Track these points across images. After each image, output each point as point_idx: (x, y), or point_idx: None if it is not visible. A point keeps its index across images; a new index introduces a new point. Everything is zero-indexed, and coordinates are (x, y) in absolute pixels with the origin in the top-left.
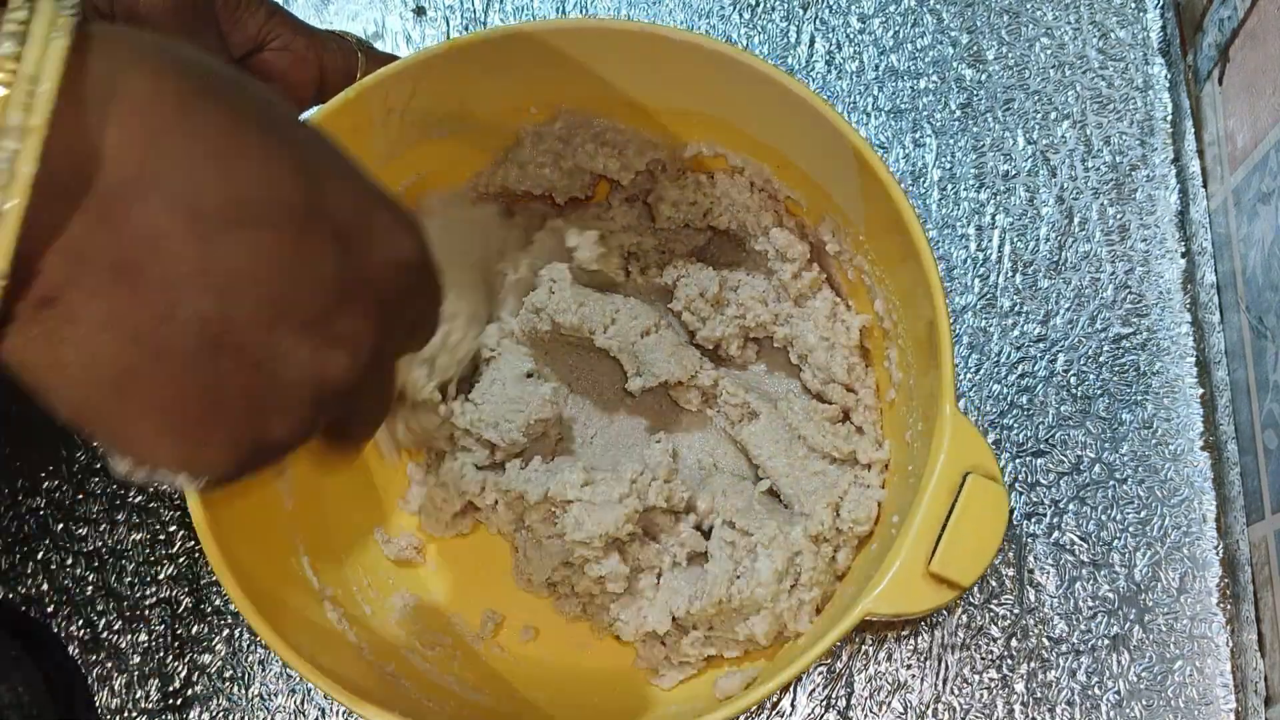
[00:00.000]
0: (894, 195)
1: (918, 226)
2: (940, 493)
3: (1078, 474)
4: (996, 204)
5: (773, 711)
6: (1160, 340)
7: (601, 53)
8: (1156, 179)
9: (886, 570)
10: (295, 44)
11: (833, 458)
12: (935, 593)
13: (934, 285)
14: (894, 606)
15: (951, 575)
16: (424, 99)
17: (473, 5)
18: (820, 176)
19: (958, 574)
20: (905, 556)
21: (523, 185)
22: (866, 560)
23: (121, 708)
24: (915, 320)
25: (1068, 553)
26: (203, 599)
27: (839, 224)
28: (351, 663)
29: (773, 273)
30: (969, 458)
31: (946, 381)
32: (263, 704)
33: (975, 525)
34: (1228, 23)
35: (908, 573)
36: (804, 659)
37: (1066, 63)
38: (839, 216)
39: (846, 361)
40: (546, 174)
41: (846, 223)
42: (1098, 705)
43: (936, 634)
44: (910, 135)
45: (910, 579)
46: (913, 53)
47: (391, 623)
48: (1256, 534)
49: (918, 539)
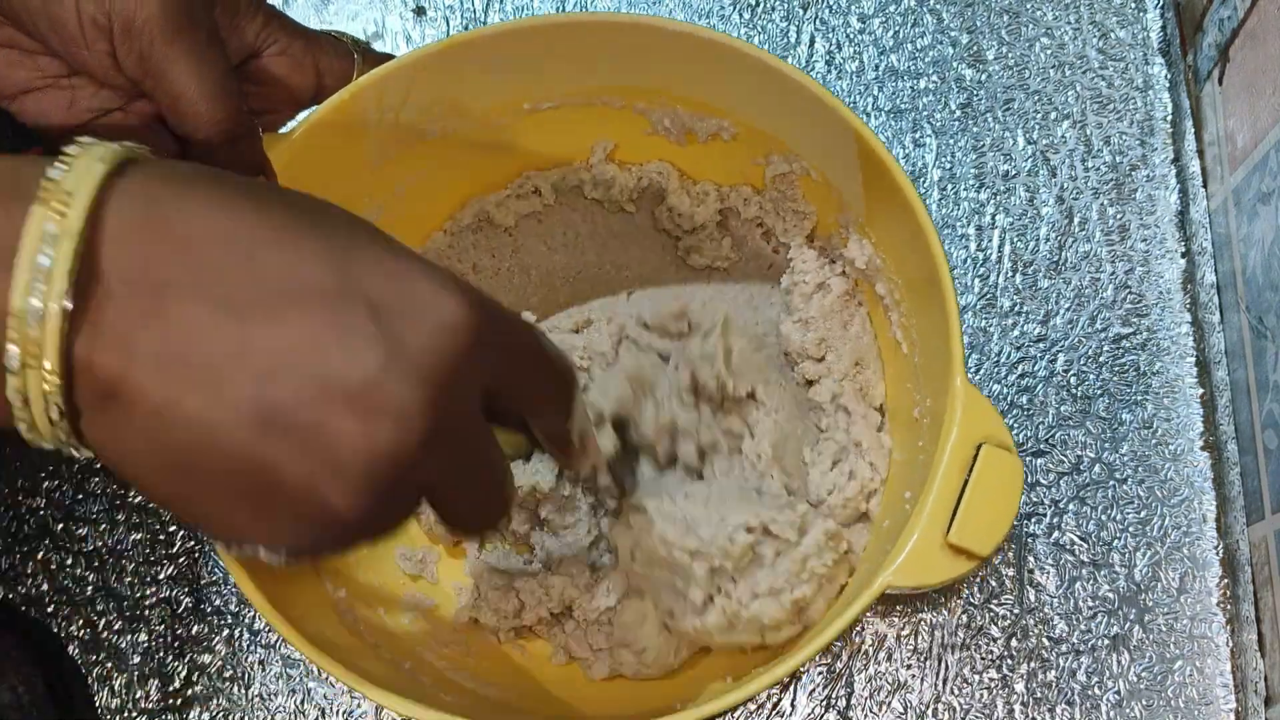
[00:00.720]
0: (893, 172)
1: (918, 201)
2: (955, 464)
3: (1078, 474)
4: (996, 204)
5: (773, 711)
6: (1160, 340)
7: (595, 48)
8: (1156, 179)
9: (905, 543)
10: (292, 48)
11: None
12: (954, 563)
13: (943, 275)
14: (913, 579)
15: (970, 545)
16: (419, 98)
17: (473, 5)
18: (820, 161)
19: (976, 544)
20: (923, 528)
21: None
22: (880, 538)
23: (121, 708)
24: (920, 298)
25: (1068, 553)
26: (203, 599)
27: (840, 206)
28: (364, 655)
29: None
30: (982, 428)
31: (956, 354)
32: (263, 704)
33: (991, 495)
34: (1228, 23)
35: (926, 544)
36: (827, 634)
37: (1066, 63)
38: (839, 199)
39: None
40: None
41: (846, 207)
42: (1098, 705)
43: (936, 634)
44: (910, 135)
45: (929, 550)
46: (913, 53)
47: (405, 621)
48: (1256, 534)
49: (934, 510)
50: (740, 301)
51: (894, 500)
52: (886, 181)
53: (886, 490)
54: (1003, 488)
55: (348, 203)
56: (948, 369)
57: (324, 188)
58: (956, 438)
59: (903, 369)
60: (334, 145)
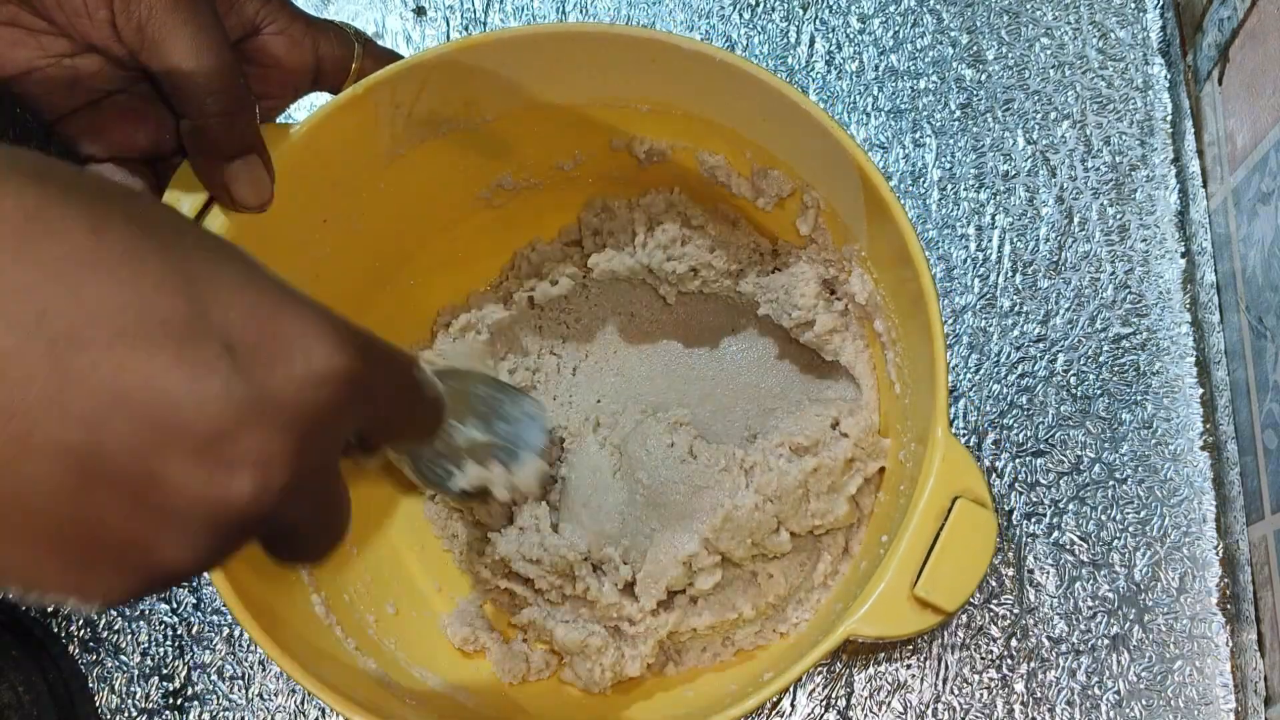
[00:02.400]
0: (897, 218)
1: (918, 248)
2: (928, 515)
3: (1078, 474)
4: (996, 204)
5: (773, 711)
6: (1160, 340)
7: (611, 59)
8: (1156, 179)
9: (871, 591)
10: (293, 29)
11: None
12: (919, 616)
13: (933, 316)
14: (877, 629)
15: (936, 600)
16: (432, 97)
17: (473, 5)
18: (825, 190)
19: (942, 599)
20: (890, 578)
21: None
22: (854, 578)
23: (121, 708)
24: (912, 338)
25: (1068, 553)
26: (203, 599)
27: (841, 235)
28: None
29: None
30: (959, 481)
31: (940, 404)
32: (263, 704)
33: (962, 550)
34: (1228, 23)
35: (892, 595)
36: (783, 679)
37: (1066, 63)
38: (841, 227)
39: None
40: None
41: (849, 236)
42: (1098, 705)
43: (936, 634)
44: (910, 135)
45: (895, 601)
46: (913, 53)
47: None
48: (1256, 534)
49: (903, 561)
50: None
51: (872, 543)
52: (886, 218)
53: (867, 533)
54: (974, 543)
55: (354, 197)
56: (931, 418)
57: (333, 183)
58: (932, 488)
59: (894, 409)
60: (345, 138)
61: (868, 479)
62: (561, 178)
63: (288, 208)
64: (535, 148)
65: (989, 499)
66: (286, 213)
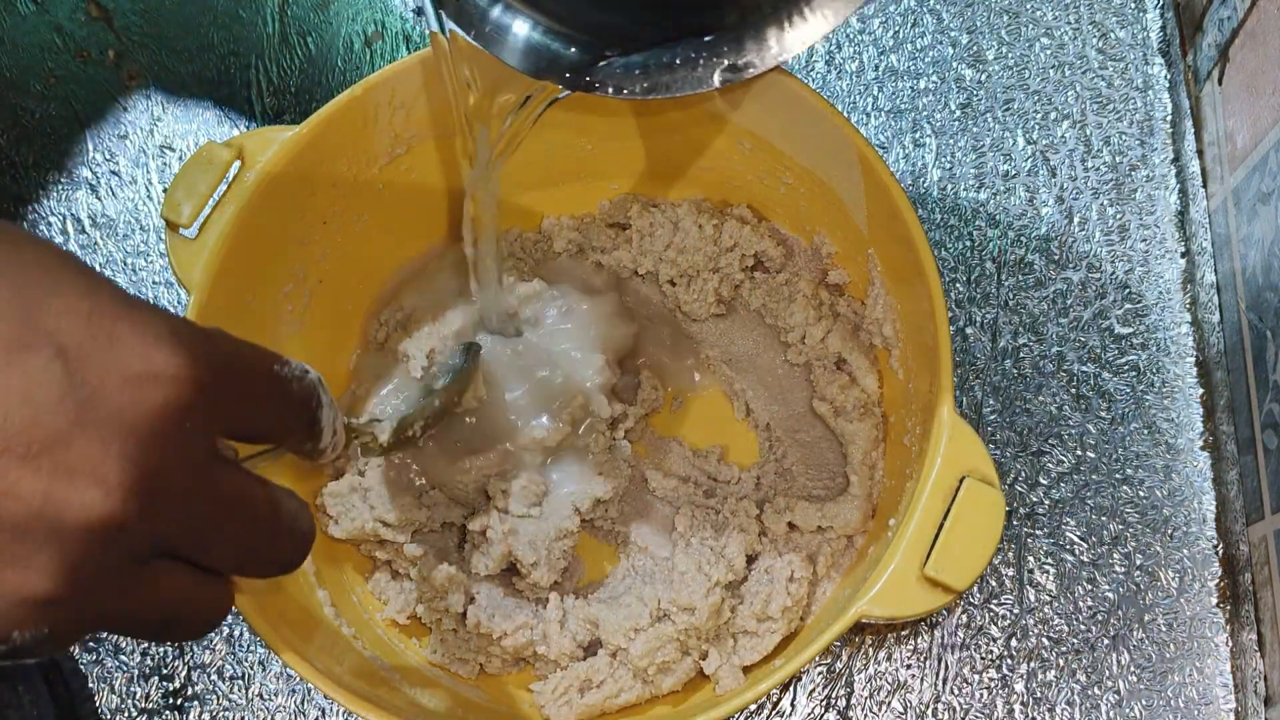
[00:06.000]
0: (894, 196)
1: (918, 228)
2: (936, 496)
3: (1078, 474)
4: (996, 204)
5: (773, 711)
6: (1160, 340)
7: None
8: (1156, 179)
9: (882, 573)
10: None
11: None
12: (930, 596)
13: (935, 293)
14: (888, 609)
15: (946, 579)
16: (431, 97)
17: None
18: (824, 174)
19: (952, 578)
20: (900, 559)
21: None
22: (863, 563)
23: (121, 708)
24: (915, 323)
25: (1068, 553)
26: None
27: (839, 221)
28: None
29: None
30: (966, 461)
31: (944, 384)
32: (263, 704)
33: (970, 529)
34: (1228, 23)
35: (902, 575)
36: (798, 660)
37: (1066, 63)
38: (841, 214)
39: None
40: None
41: (848, 223)
42: (1098, 705)
43: (936, 634)
44: (910, 135)
45: (905, 582)
46: (913, 53)
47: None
48: (1256, 534)
49: (913, 542)
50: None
51: (880, 528)
52: (886, 206)
53: (875, 521)
54: (983, 522)
55: (354, 196)
56: (936, 398)
57: (331, 182)
58: (939, 468)
59: (898, 393)
60: (345, 138)
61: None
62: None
63: (288, 208)
64: (543, 152)
65: (996, 478)
66: (287, 213)
